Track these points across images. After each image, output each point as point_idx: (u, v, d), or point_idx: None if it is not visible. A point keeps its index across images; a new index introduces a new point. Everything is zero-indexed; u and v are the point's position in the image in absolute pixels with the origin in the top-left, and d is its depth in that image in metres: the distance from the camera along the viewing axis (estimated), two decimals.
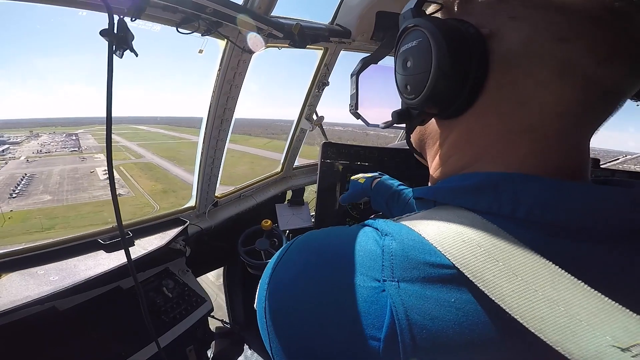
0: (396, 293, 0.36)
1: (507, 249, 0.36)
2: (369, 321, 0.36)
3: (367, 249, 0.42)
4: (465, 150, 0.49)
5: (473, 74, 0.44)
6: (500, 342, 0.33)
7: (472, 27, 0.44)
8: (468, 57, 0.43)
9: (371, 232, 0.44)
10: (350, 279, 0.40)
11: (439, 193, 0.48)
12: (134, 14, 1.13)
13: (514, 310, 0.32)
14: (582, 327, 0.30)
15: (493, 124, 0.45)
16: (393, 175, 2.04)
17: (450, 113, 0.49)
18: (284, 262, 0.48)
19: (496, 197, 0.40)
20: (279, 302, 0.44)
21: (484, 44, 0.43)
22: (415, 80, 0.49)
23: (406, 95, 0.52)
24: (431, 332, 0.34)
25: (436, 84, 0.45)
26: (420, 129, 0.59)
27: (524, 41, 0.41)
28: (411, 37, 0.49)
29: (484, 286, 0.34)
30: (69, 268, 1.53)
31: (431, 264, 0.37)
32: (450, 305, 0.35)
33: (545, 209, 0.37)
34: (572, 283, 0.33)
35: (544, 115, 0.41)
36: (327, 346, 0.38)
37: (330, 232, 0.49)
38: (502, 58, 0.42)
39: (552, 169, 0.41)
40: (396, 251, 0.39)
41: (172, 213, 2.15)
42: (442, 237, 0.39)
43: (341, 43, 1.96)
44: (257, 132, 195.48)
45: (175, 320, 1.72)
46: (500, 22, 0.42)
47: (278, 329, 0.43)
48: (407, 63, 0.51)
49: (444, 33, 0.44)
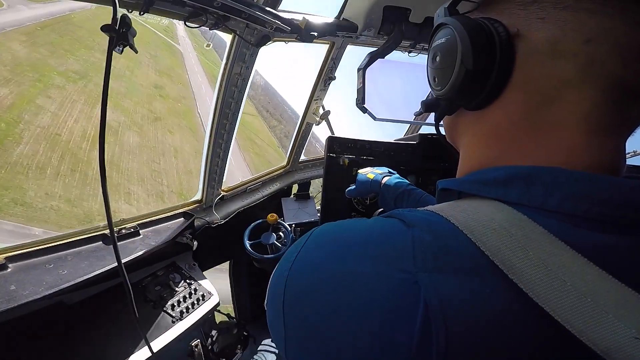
0: (430, 284, 0.36)
1: (537, 239, 0.36)
2: (401, 314, 0.36)
3: (395, 240, 0.41)
4: (493, 144, 0.50)
5: (496, 70, 0.45)
6: (529, 332, 0.34)
7: (501, 26, 0.46)
8: (491, 54, 0.45)
9: (397, 223, 0.44)
10: (379, 270, 0.39)
11: (466, 184, 0.49)
12: (143, 8, 1.13)
13: (542, 299, 0.33)
14: (607, 318, 0.31)
15: (520, 120, 0.46)
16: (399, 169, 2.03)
17: (475, 105, 0.51)
18: (303, 256, 0.47)
19: (527, 188, 0.40)
20: (298, 296, 0.44)
21: (510, 42, 0.45)
22: (442, 73, 0.53)
23: (434, 87, 0.57)
24: (465, 324, 0.34)
25: (458, 78, 0.49)
26: (450, 119, 0.61)
27: (551, 41, 0.42)
28: (441, 34, 0.53)
29: (513, 275, 0.34)
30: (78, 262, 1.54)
31: (464, 254, 0.37)
32: (484, 296, 0.35)
33: (576, 201, 0.38)
34: (599, 275, 0.33)
35: (570, 113, 0.42)
36: (354, 341, 0.37)
37: (351, 224, 0.49)
38: (528, 56, 0.44)
39: (581, 164, 0.41)
40: (427, 241, 0.39)
41: (179, 207, 2.16)
42: (472, 225, 0.39)
43: (348, 37, 1.95)
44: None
45: (182, 315, 1.74)
46: (529, 22, 0.44)
47: (297, 323, 0.42)
48: (436, 57, 0.55)
49: (469, 31, 0.47)
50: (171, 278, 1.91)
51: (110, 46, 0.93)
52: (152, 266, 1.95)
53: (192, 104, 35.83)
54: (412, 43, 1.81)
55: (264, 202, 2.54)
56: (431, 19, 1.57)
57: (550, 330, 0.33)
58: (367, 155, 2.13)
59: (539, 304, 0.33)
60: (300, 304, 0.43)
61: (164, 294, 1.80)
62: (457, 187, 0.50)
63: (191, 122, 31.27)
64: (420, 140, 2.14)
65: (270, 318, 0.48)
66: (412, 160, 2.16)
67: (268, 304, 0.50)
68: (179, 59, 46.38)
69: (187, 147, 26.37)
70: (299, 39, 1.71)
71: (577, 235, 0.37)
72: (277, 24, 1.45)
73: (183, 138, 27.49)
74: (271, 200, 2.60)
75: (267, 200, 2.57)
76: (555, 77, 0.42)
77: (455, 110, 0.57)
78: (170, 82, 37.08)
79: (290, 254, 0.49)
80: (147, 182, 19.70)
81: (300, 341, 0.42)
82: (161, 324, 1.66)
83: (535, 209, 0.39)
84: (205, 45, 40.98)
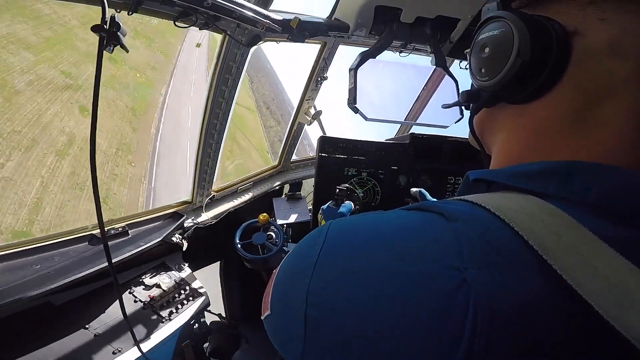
0: (480, 282, 0.34)
1: (568, 227, 0.36)
2: (451, 317, 0.33)
3: (434, 234, 0.40)
4: (536, 139, 0.49)
5: (550, 66, 0.45)
6: (565, 318, 0.34)
7: (557, 24, 0.45)
8: (549, 48, 0.45)
9: (436, 217, 0.42)
10: (422, 268, 0.37)
11: (503, 176, 0.47)
12: (131, 8, 1.12)
13: (577, 282, 0.33)
14: (638, 306, 0.31)
15: (567, 116, 0.45)
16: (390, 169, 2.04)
17: (521, 98, 0.50)
18: (326, 263, 0.42)
19: (568, 181, 0.40)
20: (327, 315, 0.39)
21: (567, 39, 0.45)
22: (492, 64, 0.52)
23: (479, 77, 0.55)
24: (513, 321, 0.33)
25: (512, 69, 0.48)
26: (486, 112, 0.60)
27: (610, 41, 0.42)
28: (493, 26, 0.52)
29: (548, 256, 0.34)
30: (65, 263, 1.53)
31: (508, 248, 0.37)
32: (526, 290, 0.34)
33: (617, 197, 0.38)
34: (628, 267, 0.33)
35: (620, 113, 0.42)
36: (398, 350, 0.35)
37: (373, 219, 0.46)
38: (585, 54, 0.44)
39: (627, 163, 0.41)
40: (473, 236, 0.37)
41: (168, 207, 2.15)
42: (505, 210, 0.39)
43: (340, 37, 1.95)
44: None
45: (171, 315, 1.73)
46: (587, 22, 0.44)
47: (327, 342, 0.39)
48: (485, 49, 0.54)
49: (527, 24, 0.46)
50: (161, 278, 1.90)
51: (100, 46, 0.92)
52: (142, 266, 1.93)
53: (161, 79, 30.38)
54: (403, 43, 1.82)
55: (255, 203, 2.54)
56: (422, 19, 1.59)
57: (586, 317, 0.33)
58: (359, 155, 2.14)
59: (573, 286, 0.32)
60: (326, 318, 0.39)
61: (153, 294, 1.79)
62: (492, 178, 0.49)
63: (137, 99, 26.04)
64: (411, 140, 2.15)
65: (280, 330, 0.45)
66: (403, 160, 2.17)
67: (274, 317, 0.47)
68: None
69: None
70: (291, 39, 1.71)
71: (614, 230, 0.37)
72: (269, 24, 1.44)
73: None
74: (262, 200, 2.59)
75: (258, 200, 2.56)
76: (610, 76, 0.42)
77: (496, 103, 0.56)
78: (150, 49, 31.65)
79: (303, 258, 0.45)
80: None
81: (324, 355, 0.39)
82: (150, 324, 1.65)
83: (571, 202, 0.39)
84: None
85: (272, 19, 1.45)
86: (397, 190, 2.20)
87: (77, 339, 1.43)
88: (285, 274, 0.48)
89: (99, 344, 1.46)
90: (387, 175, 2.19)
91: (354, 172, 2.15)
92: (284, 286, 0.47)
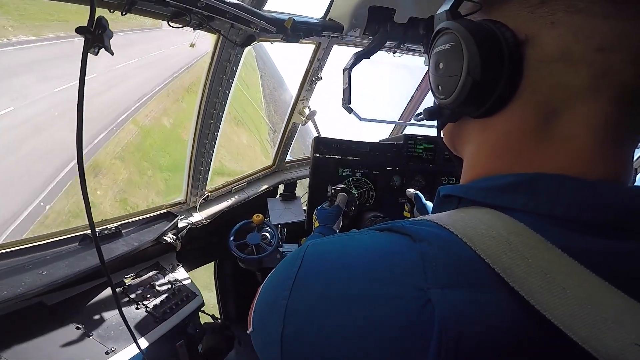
0: (444, 302, 0.35)
1: (535, 247, 0.36)
2: (416, 336, 0.35)
3: (401, 256, 0.40)
4: (500, 153, 0.48)
5: (505, 79, 0.44)
6: (532, 341, 0.34)
7: (508, 31, 0.44)
8: (500, 63, 0.43)
9: (402, 239, 0.43)
10: (390, 290, 0.38)
11: (471, 191, 0.47)
12: (125, 8, 1.12)
13: (543, 306, 0.33)
14: (607, 325, 0.31)
15: (528, 129, 0.44)
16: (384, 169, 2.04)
17: (480, 114, 0.49)
18: (301, 285, 0.44)
19: (534, 195, 0.40)
20: (299, 332, 0.41)
21: (519, 49, 0.43)
22: (447, 82, 0.50)
23: (438, 95, 0.54)
24: (476, 342, 0.34)
25: (465, 88, 0.47)
26: (453, 126, 0.59)
27: (562, 48, 0.40)
28: (444, 39, 0.51)
29: (514, 283, 0.34)
30: (57, 263, 1.52)
31: (471, 267, 0.37)
32: (492, 309, 0.35)
33: (583, 208, 0.37)
34: (598, 283, 0.33)
35: (580, 124, 0.41)
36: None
37: (348, 243, 0.47)
38: (538, 64, 0.42)
39: (590, 174, 0.40)
40: (437, 256, 0.38)
41: (162, 207, 2.14)
42: (471, 234, 0.38)
43: (334, 38, 1.96)
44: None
45: (165, 315, 1.72)
46: (538, 27, 0.42)
47: (300, 356, 0.40)
48: (439, 65, 0.52)
49: (476, 38, 0.45)
50: (154, 278, 1.89)
51: (85, 47, 0.91)
52: (135, 266, 1.92)
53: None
54: (397, 43, 1.83)
55: (249, 203, 2.53)
56: (415, 19, 1.60)
57: (554, 339, 0.33)
58: (353, 156, 2.15)
59: (540, 311, 0.33)
60: (301, 339, 0.41)
61: (147, 295, 1.78)
62: (461, 194, 0.49)
63: None
64: (405, 140, 2.16)
65: (260, 347, 0.46)
66: (397, 160, 2.18)
67: (257, 334, 0.48)
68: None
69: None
70: (285, 39, 1.71)
71: (580, 242, 0.36)
72: (263, 24, 1.45)
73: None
74: (257, 200, 2.59)
75: (253, 200, 2.56)
76: (565, 87, 0.40)
77: (459, 118, 0.55)
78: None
79: (281, 281, 0.46)
80: None
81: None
82: (144, 325, 1.64)
83: (540, 215, 0.39)
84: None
85: (267, 19, 1.45)
86: (391, 191, 2.21)
87: (70, 339, 1.42)
88: (265, 294, 0.49)
89: (92, 343, 1.45)
90: (381, 175, 2.20)
91: (348, 172, 2.16)
92: (265, 305, 0.48)
